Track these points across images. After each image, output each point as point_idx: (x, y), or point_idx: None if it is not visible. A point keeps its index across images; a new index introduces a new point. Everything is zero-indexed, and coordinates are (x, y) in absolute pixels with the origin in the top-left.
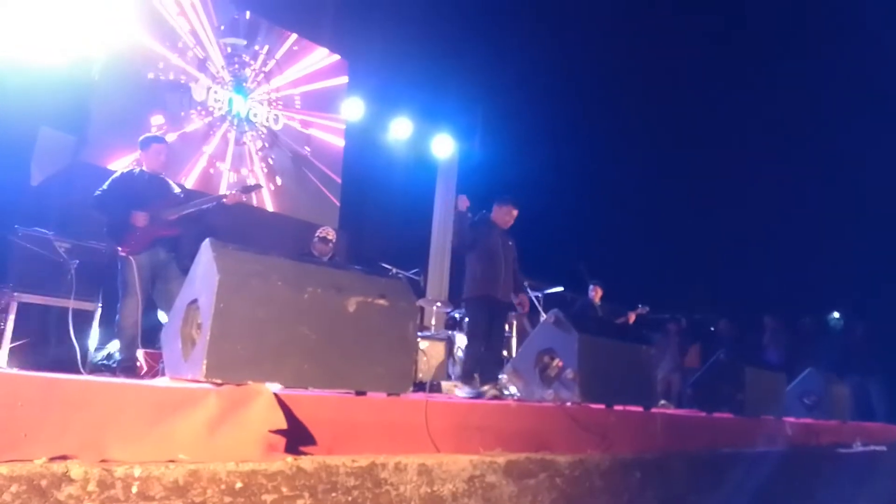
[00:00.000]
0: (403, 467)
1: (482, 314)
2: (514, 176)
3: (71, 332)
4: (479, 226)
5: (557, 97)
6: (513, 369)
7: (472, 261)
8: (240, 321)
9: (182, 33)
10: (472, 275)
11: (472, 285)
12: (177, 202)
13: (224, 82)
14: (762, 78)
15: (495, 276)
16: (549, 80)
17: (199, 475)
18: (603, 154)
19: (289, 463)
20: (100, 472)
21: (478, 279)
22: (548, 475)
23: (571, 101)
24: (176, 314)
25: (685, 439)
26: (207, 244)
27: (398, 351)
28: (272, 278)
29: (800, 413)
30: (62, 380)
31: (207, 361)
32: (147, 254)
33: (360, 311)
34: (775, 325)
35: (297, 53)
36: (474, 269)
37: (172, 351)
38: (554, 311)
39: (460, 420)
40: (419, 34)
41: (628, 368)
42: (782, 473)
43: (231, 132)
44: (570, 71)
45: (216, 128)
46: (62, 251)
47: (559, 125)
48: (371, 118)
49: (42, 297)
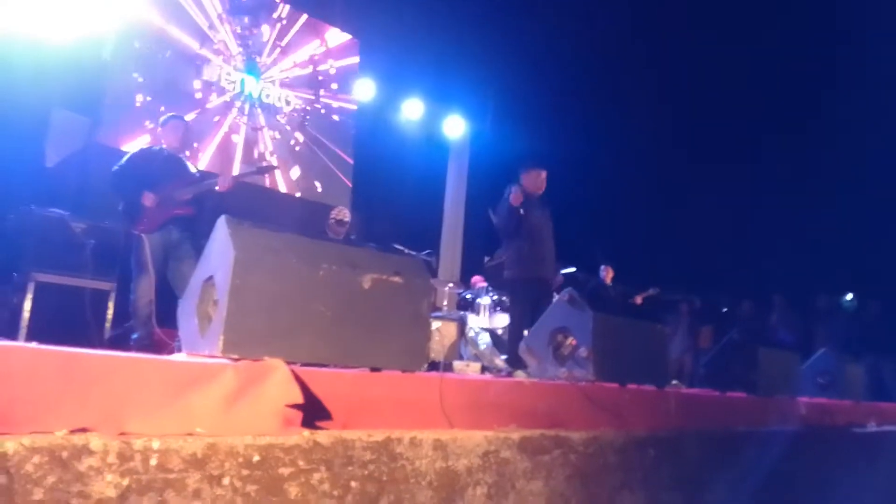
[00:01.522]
0: (419, 442)
1: (525, 297)
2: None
3: (87, 311)
4: (515, 210)
5: (569, 77)
6: (526, 347)
7: (513, 240)
8: (255, 297)
9: (193, 13)
10: (516, 254)
11: (516, 266)
12: (192, 182)
13: (236, 63)
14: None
15: (539, 254)
16: (561, 59)
17: (217, 448)
18: (615, 134)
19: (305, 437)
20: (119, 444)
21: (521, 259)
22: (562, 452)
23: (582, 80)
24: (192, 291)
25: (699, 418)
26: (223, 221)
27: (413, 328)
28: (287, 255)
29: (814, 393)
30: (82, 354)
31: (224, 337)
32: (160, 233)
33: (375, 288)
34: (784, 304)
35: (308, 33)
36: (517, 248)
37: (189, 328)
38: (568, 290)
39: (474, 397)
40: (431, 14)
41: (642, 347)
42: (796, 452)
43: (243, 113)
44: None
45: (228, 108)
46: (78, 231)
47: (571, 105)
48: (383, 99)
49: (59, 277)
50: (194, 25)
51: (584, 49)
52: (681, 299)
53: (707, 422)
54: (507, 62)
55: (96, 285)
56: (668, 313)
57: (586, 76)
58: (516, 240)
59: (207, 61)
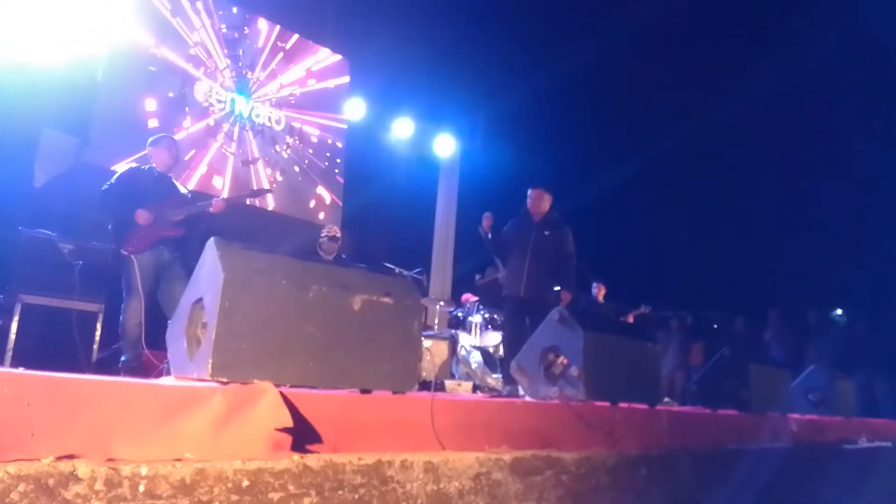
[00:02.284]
0: (409, 465)
1: (506, 313)
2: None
3: (75, 333)
4: (508, 229)
5: (559, 96)
6: (517, 367)
7: (504, 259)
8: (245, 320)
9: (184, 35)
10: (505, 273)
11: (505, 284)
12: (183, 203)
13: (226, 82)
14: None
15: (517, 272)
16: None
17: (205, 474)
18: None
19: (295, 461)
20: (107, 470)
21: (507, 277)
22: (554, 472)
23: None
24: (181, 313)
25: (690, 436)
26: (212, 243)
27: (403, 349)
28: (276, 277)
29: (805, 409)
30: (68, 379)
31: (213, 360)
32: (151, 253)
33: (365, 309)
34: (779, 320)
35: (299, 53)
36: (506, 266)
37: (177, 350)
38: (559, 309)
39: (465, 418)
40: (421, 34)
41: (633, 366)
42: (788, 469)
43: (233, 133)
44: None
45: (219, 128)
46: (66, 252)
47: (560, 123)
48: (373, 118)
49: (46, 298)
50: (185, 46)
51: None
52: (672, 316)
53: (699, 440)
54: (497, 81)
55: (84, 307)
56: (660, 330)
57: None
58: (506, 259)
59: (198, 81)
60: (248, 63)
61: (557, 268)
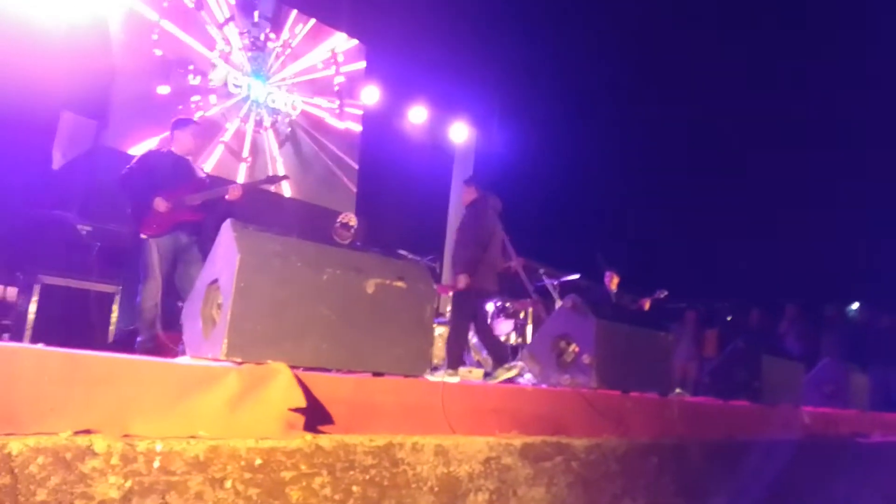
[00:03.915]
0: (420, 447)
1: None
2: (530, 162)
3: (92, 314)
4: None
5: (574, 82)
6: (529, 354)
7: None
8: (260, 301)
9: (202, 19)
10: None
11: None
12: (201, 187)
13: (243, 67)
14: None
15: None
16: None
17: (219, 451)
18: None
19: (308, 441)
20: (123, 446)
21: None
22: (564, 458)
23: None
24: (196, 294)
25: (702, 426)
26: (228, 224)
27: (415, 333)
28: (292, 259)
29: (818, 402)
30: (87, 356)
31: (228, 340)
32: (169, 237)
33: (379, 292)
34: (796, 313)
35: (316, 38)
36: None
37: (193, 330)
38: (571, 296)
39: (476, 402)
40: (437, 19)
41: (646, 355)
42: (800, 462)
43: (249, 117)
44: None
45: (235, 112)
46: (84, 234)
47: (575, 110)
48: (388, 104)
49: (64, 279)
50: (203, 30)
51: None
52: (686, 307)
53: (710, 430)
54: (513, 68)
55: (101, 288)
56: (673, 321)
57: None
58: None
59: (215, 66)
60: (265, 47)
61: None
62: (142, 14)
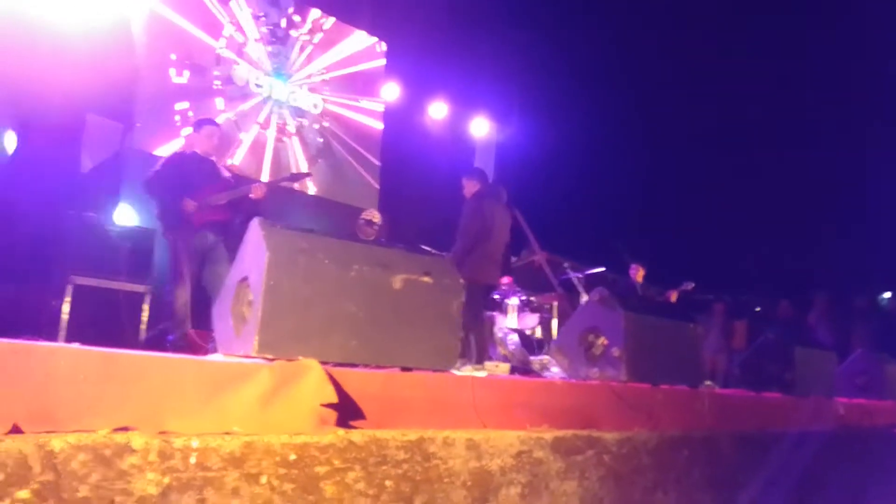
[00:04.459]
0: (452, 442)
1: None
2: (551, 154)
3: (123, 313)
4: None
5: (594, 74)
6: (557, 348)
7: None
8: (289, 298)
9: (222, 20)
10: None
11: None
12: (226, 187)
13: (265, 66)
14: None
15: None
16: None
17: (254, 447)
18: (643, 130)
19: (340, 436)
20: (159, 442)
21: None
22: (595, 452)
23: (609, 78)
24: (226, 293)
25: (733, 418)
26: (256, 223)
27: (443, 328)
28: (319, 256)
29: (851, 394)
30: (121, 354)
31: (259, 337)
32: (196, 237)
33: (406, 288)
34: (825, 304)
35: (336, 37)
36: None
37: (224, 328)
38: (599, 289)
39: (506, 397)
40: (454, 15)
41: (675, 347)
42: (833, 454)
43: (272, 116)
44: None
45: (258, 112)
46: (113, 235)
47: (596, 102)
48: (409, 100)
49: (95, 280)
50: (224, 31)
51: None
52: (714, 299)
53: (741, 422)
54: (531, 60)
55: (131, 288)
56: (701, 313)
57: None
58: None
59: (237, 65)
60: (286, 46)
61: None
62: (163, 15)
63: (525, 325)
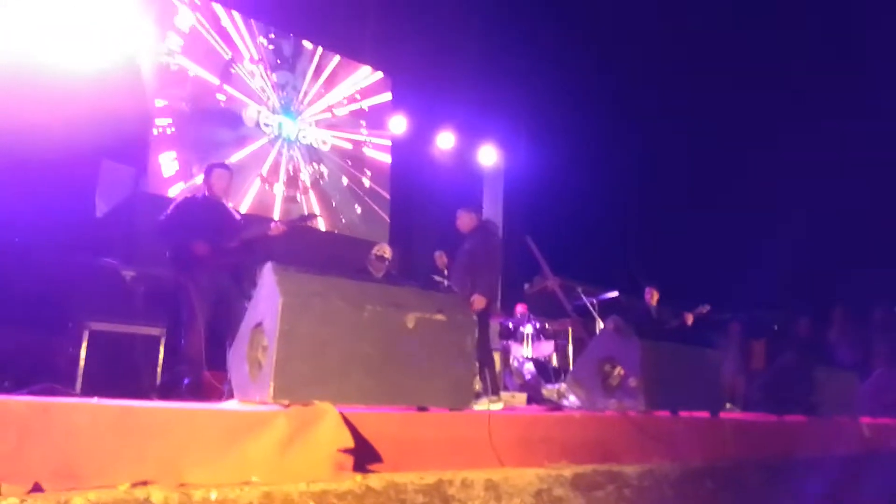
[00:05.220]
0: (470, 483)
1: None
2: (561, 180)
3: (139, 357)
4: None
5: (601, 98)
6: (573, 379)
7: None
8: (303, 341)
9: (232, 62)
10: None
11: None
12: (237, 229)
13: (273, 106)
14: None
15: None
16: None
17: (272, 497)
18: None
19: (358, 482)
20: (179, 496)
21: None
22: (616, 486)
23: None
24: (241, 338)
25: (756, 445)
26: (269, 267)
27: (458, 365)
28: (332, 298)
29: (876, 413)
30: (139, 407)
31: (274, 383)
32: (208, 279)
33: (419, 326)
34: (844, 319)
35: (341, 74)
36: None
37: (240, 374)
38: (613, 318)
39: (524, 433)
40: (459, 46)
41: (693, 373)
42: (864, 477)
43: (282, 155)
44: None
45: (267, 151)
46: (128, 279)
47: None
48: (416, 132)
49: (111, 325)
50: (232, 73)
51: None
52: (730, 318)
53: (766, 449)
54: (538, 88)
55: (147, 331)
56: (717, 333)
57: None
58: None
59: (246, 106)
60: (292, 86)
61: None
62: (172, 59)
63: (541, 353)
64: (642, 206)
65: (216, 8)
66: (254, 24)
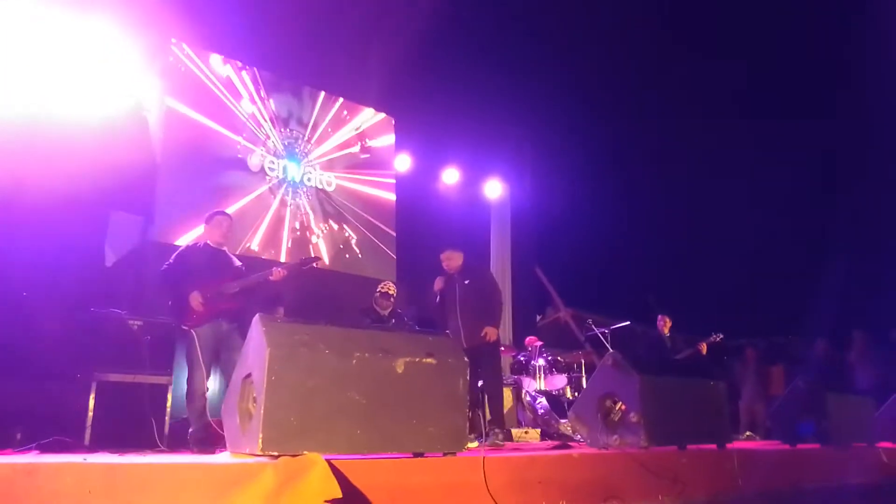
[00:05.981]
0: None
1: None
2: (568, 212)
3: (147, 406)
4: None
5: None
6: (575, 416)
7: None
8: (292, 392)
9: (233, 107)
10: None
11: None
12: (237, 276)
13: (277, 150)
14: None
15: (455, 328)
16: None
17: None
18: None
19: None
20: None
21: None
22: None
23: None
24: (233, 389)
25: (765, 476)
26: (257, 319)
27: (450, 409)
28: (320, 347)
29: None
30: (125, 464)
31: (263, 435)
32: (209, 327)
33: (409, 371)
34: (864, 340)
35: (344, 116)
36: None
37: (231, 425)
38: (612, 353)
39: (520, 475)
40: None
41: (697, 405)
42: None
43: (287, 198)
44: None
45: (273, 195)
46: (135, 329)
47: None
48: (421, 169)
49: (119, 375)
50: (235, 118)
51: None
52: (746, 344)
53: (775, 480)
54: (542, 120)
55: (154, 380)
56: (734, 359)
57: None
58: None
59: (251, 151)
60: (296, 130)
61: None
62: (176, 110)
63: (553, 386)
64: (653, 233)
65: (217, 59)
66: (256, 72)
